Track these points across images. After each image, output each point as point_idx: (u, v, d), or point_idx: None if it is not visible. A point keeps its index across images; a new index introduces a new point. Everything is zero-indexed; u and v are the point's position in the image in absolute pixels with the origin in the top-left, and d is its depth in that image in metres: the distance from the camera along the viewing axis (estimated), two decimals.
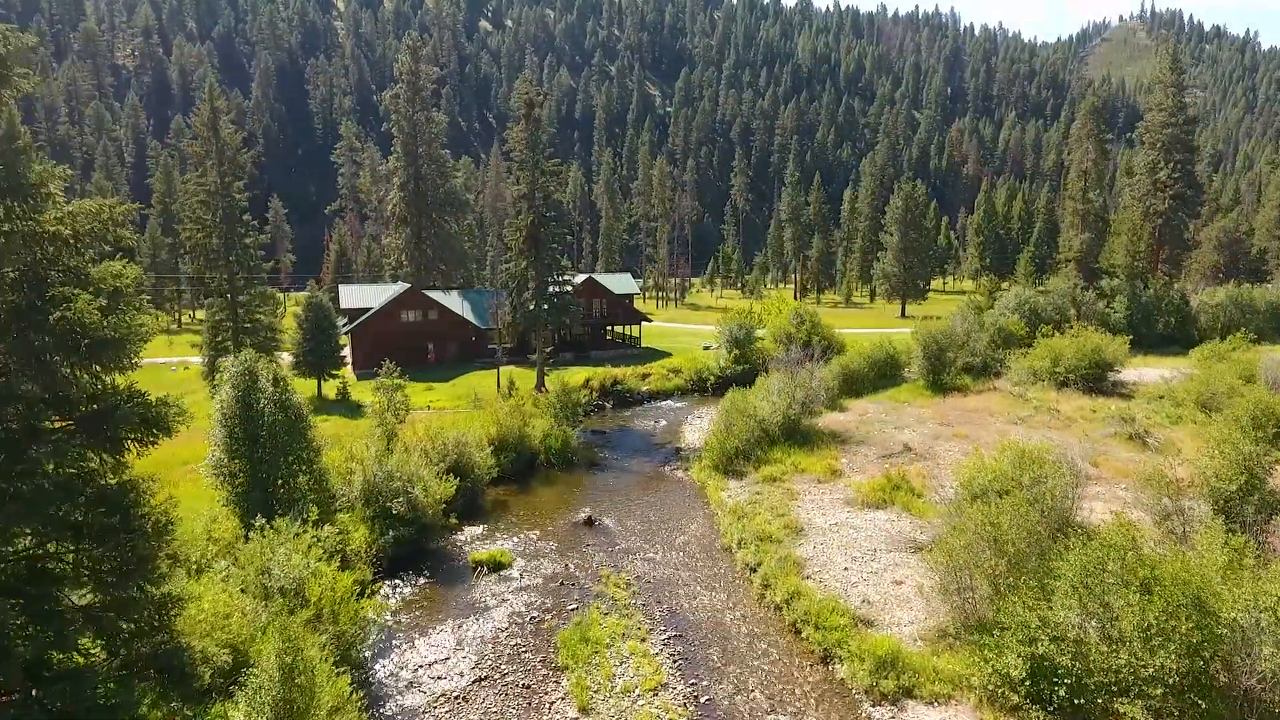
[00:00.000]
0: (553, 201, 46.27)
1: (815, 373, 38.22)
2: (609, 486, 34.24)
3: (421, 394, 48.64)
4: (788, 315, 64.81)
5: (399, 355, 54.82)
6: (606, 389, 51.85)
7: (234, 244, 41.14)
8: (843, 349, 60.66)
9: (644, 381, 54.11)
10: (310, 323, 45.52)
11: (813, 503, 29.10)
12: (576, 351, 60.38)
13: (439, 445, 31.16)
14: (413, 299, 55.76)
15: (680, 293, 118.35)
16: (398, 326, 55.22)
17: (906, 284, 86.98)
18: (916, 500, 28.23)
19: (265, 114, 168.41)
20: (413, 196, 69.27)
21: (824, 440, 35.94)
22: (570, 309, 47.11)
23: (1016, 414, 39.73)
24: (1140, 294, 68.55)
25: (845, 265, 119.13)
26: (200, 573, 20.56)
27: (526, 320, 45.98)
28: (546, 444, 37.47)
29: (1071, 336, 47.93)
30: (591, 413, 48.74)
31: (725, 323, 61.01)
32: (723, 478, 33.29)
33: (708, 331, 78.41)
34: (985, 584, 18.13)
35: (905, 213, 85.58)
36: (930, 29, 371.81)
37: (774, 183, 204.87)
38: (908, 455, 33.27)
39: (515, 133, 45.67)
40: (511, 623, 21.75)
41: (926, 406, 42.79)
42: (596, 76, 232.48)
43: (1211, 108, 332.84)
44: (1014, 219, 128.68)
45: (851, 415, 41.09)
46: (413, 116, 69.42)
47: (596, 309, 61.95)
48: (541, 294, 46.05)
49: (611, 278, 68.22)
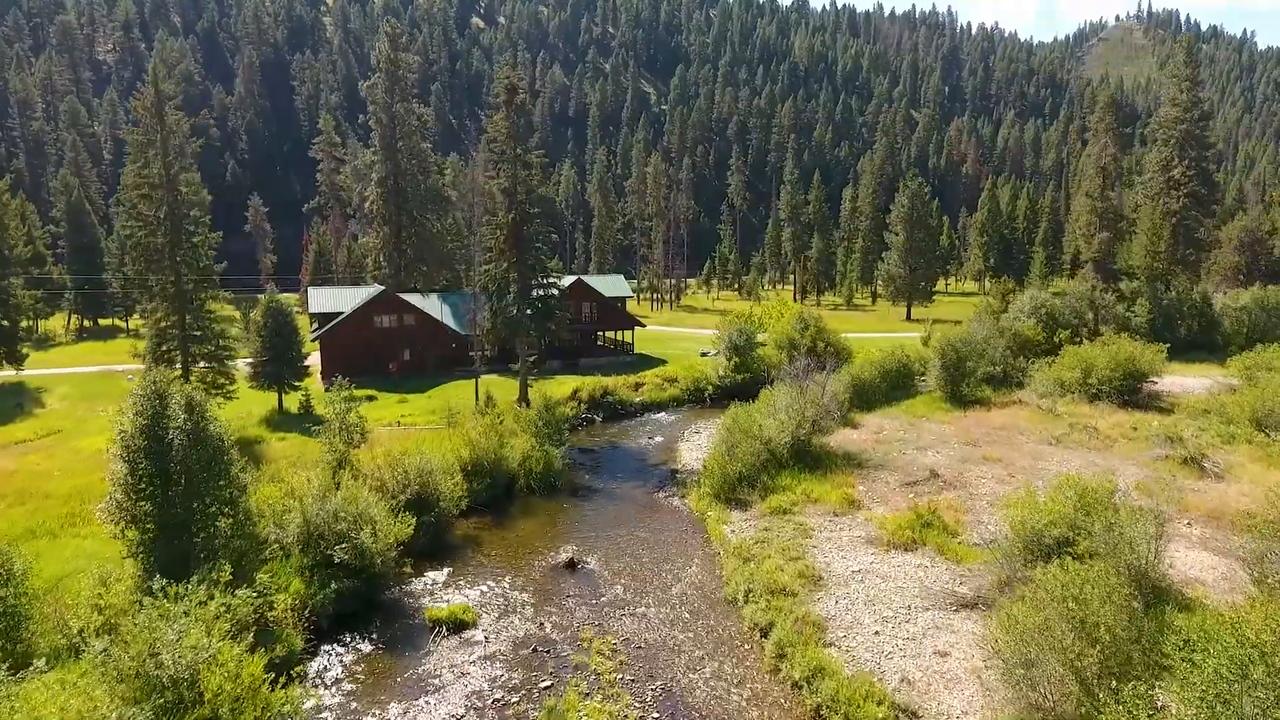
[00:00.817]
0: (536, 196, 42.25)
1: (827, 387, 34.25)
2: (595, 518, 30.22)
3: (393, 407, 44.58)
4: (790, 320, 60.90)
5: (371, 364, 50.79)
6: (596, 401, 47.83)
7: (181, 242, 37.05)
8: (849, 356, 56.87)
9: (637, 392, 50.11)
10: (269, 330, 41.36)
11: (830, 542, 25.14)
12: (564, 359, 56.35)
13: (399, 473, 27.10)
14: (387, 303, 51.63)
15: (675, 294, 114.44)
16: (371, 333, 51.09)
17: (912, 286, 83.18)
18: (952, 541, 24.29)
19: (250, 111, 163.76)
20: (392, 193, 65.10)
21: (837, 463, 31.99)
22: (556, 314, 43.10)
23: (1049, 432, 35.84)
24: (1162, 296, 64.93)
25: (846, 266, 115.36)
26: (77, 654, 16.48)
27: (507, 327, 41.94)
28: (526, 467, 33.42)
29: (1102, 344, 44.15)
30: (579, 427, 44.74)
31: (724, 328, 57.15)
32: (725, 508, 29.32)
33: (705, 336, 74.44)
34: (1069, 677, 14.16)
35: (911, 211, 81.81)
36: (927, 28, 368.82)
37: (771, 182, 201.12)
38: (935, 483, 29.33)
39: (495, 122, 41.64)
40: (470, 707, 17.70)
41: (947, 422, 38.89)
42: (590, 74, 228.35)
43: (1210, 107, 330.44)
44: (1019, 218, 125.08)
45: (866, 433, 37.14)
46: (392, 108, 65.25)
47: (586, 313, 57.90)
48: (524, 298, 42.02)
49: (602, 279, 64.16)
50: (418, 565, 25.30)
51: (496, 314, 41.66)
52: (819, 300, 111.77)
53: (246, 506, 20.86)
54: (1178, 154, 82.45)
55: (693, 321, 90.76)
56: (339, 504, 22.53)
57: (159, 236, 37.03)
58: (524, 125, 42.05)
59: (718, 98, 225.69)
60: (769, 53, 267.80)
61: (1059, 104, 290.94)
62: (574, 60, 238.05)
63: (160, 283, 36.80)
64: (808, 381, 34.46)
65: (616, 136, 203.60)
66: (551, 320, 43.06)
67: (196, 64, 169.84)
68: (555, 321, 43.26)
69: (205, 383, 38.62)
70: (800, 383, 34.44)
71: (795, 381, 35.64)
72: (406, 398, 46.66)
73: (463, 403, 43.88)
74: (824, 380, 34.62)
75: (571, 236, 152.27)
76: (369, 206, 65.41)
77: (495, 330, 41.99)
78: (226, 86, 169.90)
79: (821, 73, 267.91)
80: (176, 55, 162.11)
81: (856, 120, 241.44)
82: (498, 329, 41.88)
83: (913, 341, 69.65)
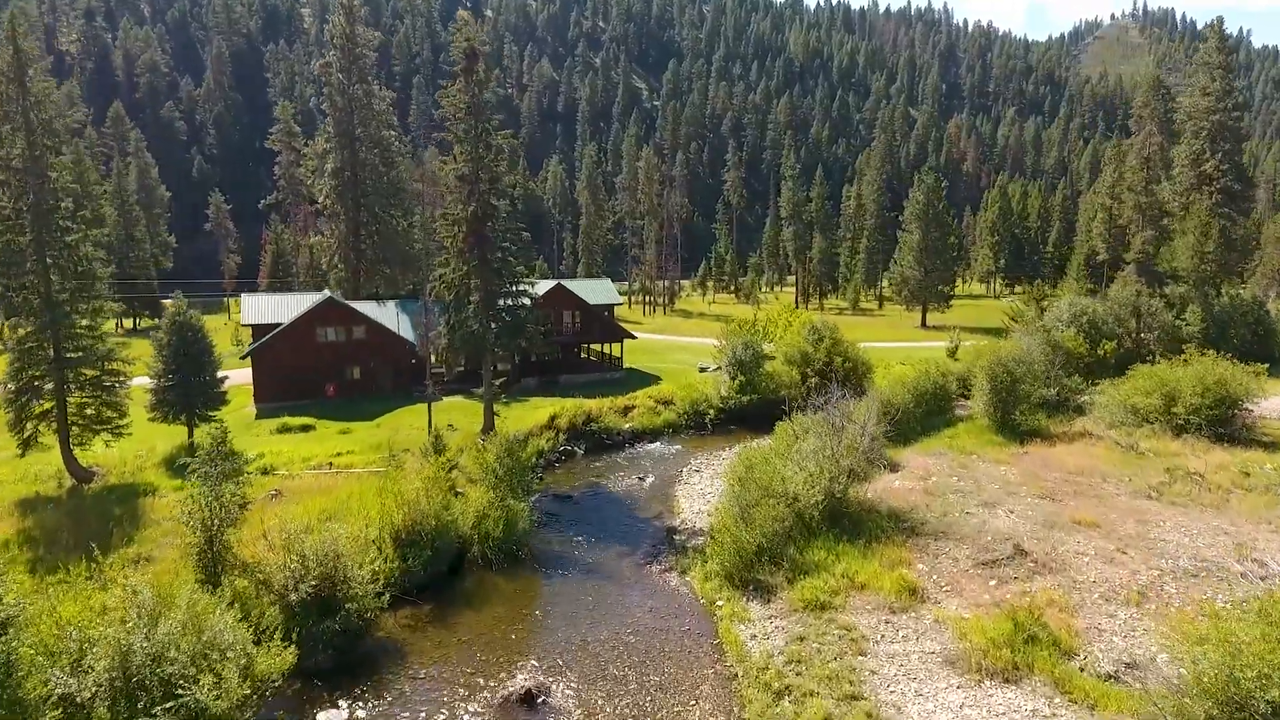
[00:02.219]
0: (503, 185, 34.76)
1: (867, 428, 26.89)
2: (568, 607, 22.79)
3: (331, 440, 36.98)
4: (800, 329, 53.67)
5: (314, 385, 43.21)
6: (577, 429, 40.34)
7: (52, 241, 29.51)
8: (869, 371, 49.66)
9: (626, 417, 42.66)
10: (173, 347, 33.72)
11: (894, 661, 17.82)
12: (542, 376, 48.87)
13: (292, 563, 19.58)
14: (332, 313, 43.94)
15: (669, 297, 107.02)
16: (313, 348, 43.42)
17: (927, 289, 76.06)
18: (1072, 668, 16.98)
19: (219, 103, 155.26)
20: (348, 186, 57.40)
21: (883, 527, 24.64)
22: (527, 329, 35.58)
23: (1140, 479, 28.63)
24: (1212, 302, 58.10)
25: (851, 267, 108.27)
26: None
27: (466, 344, 34.41)
28: (482, 530, 25.96)
29: (1182, 363, 37.07)
30: (557, 463, 37.30)
31: (726, 339, 49.72)
32: (739, 595, 21.97)
33: (703, 347, 67.06)
34: None
35: (926, 208, 74.66)
36: (924, 24, 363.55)
37: (768, 180, 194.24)
38: (1021, 562, 22.00)
39: (451, 93, 34.10)
40: None
41: (1006, 461, 31.63)
42: (580, 68, 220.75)
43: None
44: (1031, 217, 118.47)
45: (910, 477, 29.82)
46: (349, 90, 57.56)
47: (568, 323, 50.35)
48: (488, 309, 34.50)
49: (586, 285, 56.60)
50: (311, 696, 17.86)
51: (454, 328, 34.12)
52: (822, 304, 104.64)
53: (15, 649, 13.36)
54: (1209, 147, 75.82)
55: (688, 328, 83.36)
56: (172, 633, 14.97)
57: (21, 234, 29.30)
58: (490, 100, 34.50)
59: (712, 93, 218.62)
60: (763, 48, 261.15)
61: (1058, 101, 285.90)
62: (563, 54, 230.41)
63: (21, 293, 29.08)
64: (838, 417, 27.09)
65: (607, 133, 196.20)
66: (522, 335, 35.55)
67: (164, 54, 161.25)
68: (527, 337, 35.75)
69: (85, 417, 30.97)
70: (831, 418, 27.09)
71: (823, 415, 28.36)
72: (350, 426, 39.06)
73: (416, 434, 36.40)
74: (864, 419, 27.24)
75: (559, 236, 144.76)
76: (322, 201, 57.67)
77: (452, 347, 34.45)
78: (197, 79, 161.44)
79: (817, 69, 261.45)
80: (141, 44, 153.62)
81: (854, 117, 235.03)
82: (455, 346, 34.33)
83: (934, 353, 62.56)
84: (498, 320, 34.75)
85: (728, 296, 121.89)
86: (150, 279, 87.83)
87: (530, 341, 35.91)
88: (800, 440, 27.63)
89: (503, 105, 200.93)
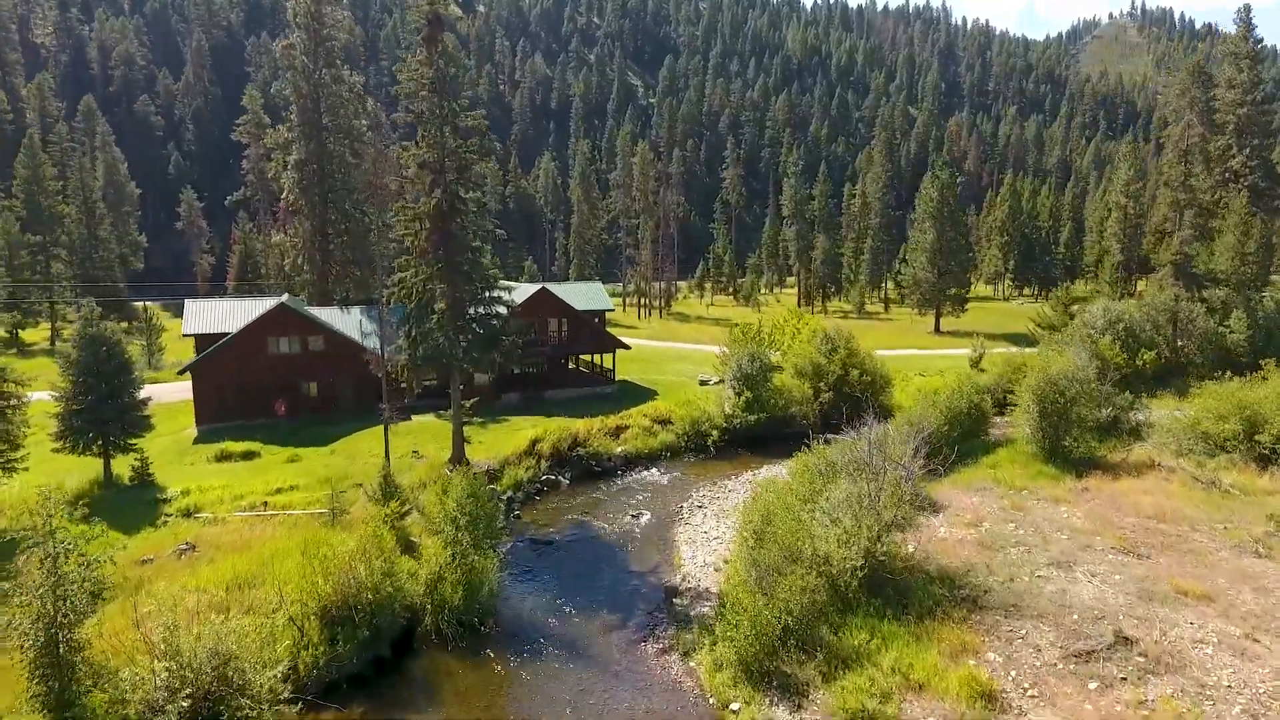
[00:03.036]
0: (474, 176, 29.79)
1: (912, 472, 21.93)
2: (542, 708, 17.78)
3: (276, 470, 31.91)
4: (811, 338, 48.84)
5: (265, 403, 38.12)
6: (562, 454, 35.33)
7: None
8: (888, 385, 44.86)
9: (618, 440, 37.68)
10: (83, 364, 28.59)
11: None
12: (526, 391, 43.86)
13: (163, 673, 14.51)
14: (286, 320, 38.73)
15: (666, 300, 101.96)
16: (264, 360, 38.28)
17: (940, 292, 71.21)
18: None
19: (198, 98, 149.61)
20: (314, 180, 52.23)
21: (934, 594, 19.68)
22: (502, 341, 30.56)
23: (1239, 527, 23.72)
24: (1256, 308, 53.43)
25: (855, 269, 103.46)
26: None
27: (430, 359, 29.36)
28: (437, 596, 20.96)
29: (1260, 379, 32.29)
30: (537, 496, 32.34)
31: (729, 347, 44.81)
32: (760, 696, 17.02)
33: (703, 355, 62.19)
34: None
35: (940, 205, 69.79)
36: (922, 22, 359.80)
37: (767, 179, 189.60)
38: (1127, 655, 17.04)
39: (411, 67, 29.04)
40: None
41: (1067, 501, 26.72)
42: (574, 64, 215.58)
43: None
44: (1043, 216, 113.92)
45: (958, 523, 24.85)
46: (315, 75, 52.42)
47: (553, 332, 45.25)
48: (455, 318, 29.47)
49: (575, 288, 51.50)
50: None
51: (415, 341, 29.08)
52: (825, 307, 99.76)
53: None
54: (1237, 141, 71.37)
55: (686, 334, 78.40)
56: None
57: None
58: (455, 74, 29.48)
59: (709, 90, 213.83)
60: (760, 45, 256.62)
61: (1059, 100, 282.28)
62: (556, 50, 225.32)
63: None
64: (876, 454, 22.12)
65: (601, 130, 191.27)
66: (496, 349, 30.51)
67: (142, 46, 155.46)
68: (502, 350, 30.70)
69: None
70: (866, 455, 22.12)
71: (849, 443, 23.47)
72: (300, 453, 33.98)
73: (375, 461, 31.39)
74: (904, 456, 22.27)
75: (551, 236, 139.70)
76: (285, 197, 52.50)
77: (413, 363, 29.39)
78: (176, 73, 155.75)
79: (816, 66, 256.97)
80: (117, 35, 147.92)
81: (853, 115, 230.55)
82: (416, 362, 29.27)
83: (954, 362, 57.78)
84: (467, 331, 29.71)
85: (726, 299, 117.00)
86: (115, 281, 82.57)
87: (506, 356, 30.87)
88: (828, 484, 22.67)
89: (495, 101, 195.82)
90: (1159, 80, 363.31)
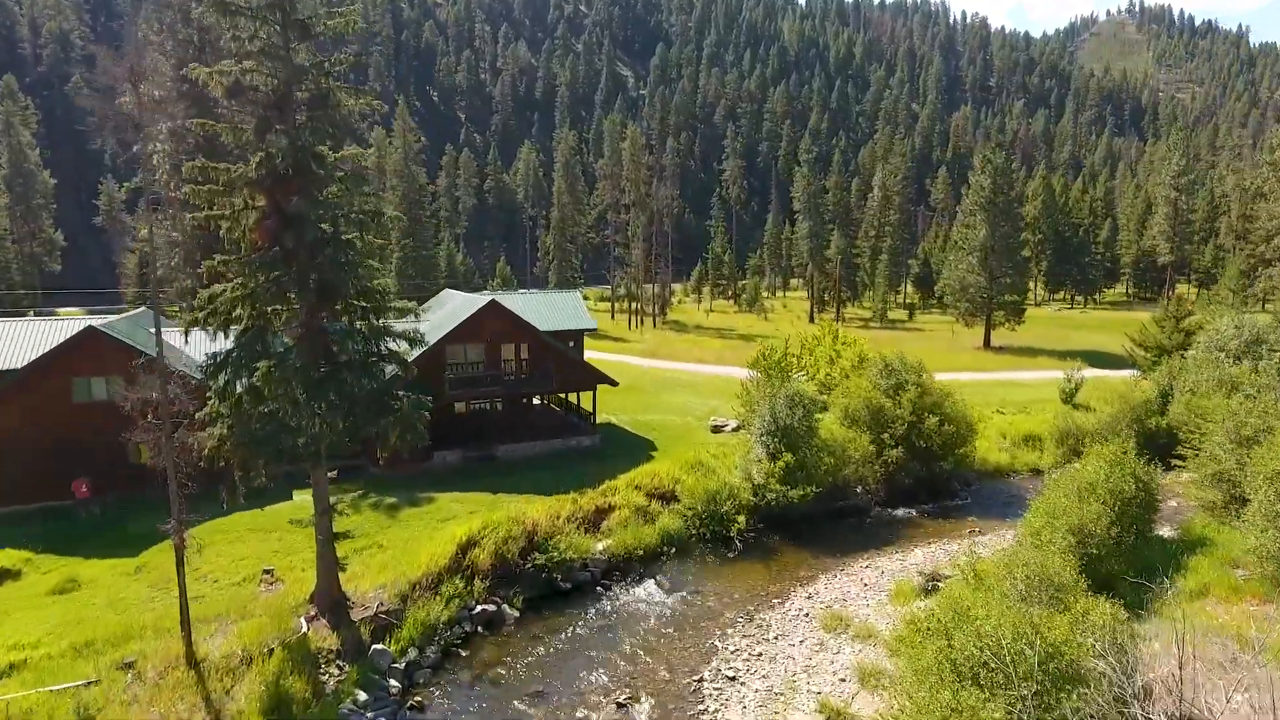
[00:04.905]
0: (344, 120, 17.25)
1: None
2: None
3: (33, 609, 19.29)
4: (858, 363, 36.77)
5: (60, 478, 25.39)
6: (510, 565, 22.78)
7: None
8: (972, 436, 32.73)
9: (597, 532, 25.20)
10: None
11: None
12: (469, 448, 31.22)
13: None
14: (99, 351, 25.93)
15: (660, 306, 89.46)
16: (64, 412, 25.47)
17: (992, 299, 59.05)
18: None
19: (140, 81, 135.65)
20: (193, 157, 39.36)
21: None
22: (398, 405, 17.99)
23: None
24: None
25: (872, 271, 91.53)
26: None
27: (263, 444, 16.75)
28: None
29: None
30: (464, 644, 19.84)
31: (756, 388, 32.17)
32: None
33: (707, 379, 49.88)
34: None
35: (994, 195, 57.64)
36: (921, 15, 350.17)
37: (765, 175, 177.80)
38: None
39: None
40: None
41: None
42: (560, 52, 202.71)
43: (1213, 102, 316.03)
44: (1080, 214, 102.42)
45: None
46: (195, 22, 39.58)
47: (508, 362, 32.40)
48: (314, 361, 16.91)
49: (545, 300, 38.46)
50: None
51: (235, 405, 16.48)
52: (840, 314, 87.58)
53: None
54: None
55: (686, 349, 65.85)
56: None
57: None
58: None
59: (703, 80, 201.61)
60: (756, 36, 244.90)
61: (1064, 95, 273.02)
62: (541, 38, 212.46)
63: None
64: None
65: (588, 122, 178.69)
66: (389, 414, 17.92)
67: (80, 22, 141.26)
68: (400, 418, 18.07)
69: None
70: None
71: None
72: (84, 571, 21.33)
73: (202, 588, 18.90)
74: None
75: (532, 234, 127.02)
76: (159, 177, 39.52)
77: (230, 446, 16.73)
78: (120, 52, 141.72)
79: (813, 59, 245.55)
80: (51, 11, 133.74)
81: (853, 109, 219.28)
82: (233, 445, 16.64)
83: (1032, 391, 45.67)
84: (332, 387, 17.07)
85: (726, 304, 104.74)
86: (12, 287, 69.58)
87: (406, 426, 18.19)
88: None
89: (474, 90, 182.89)
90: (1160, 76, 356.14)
